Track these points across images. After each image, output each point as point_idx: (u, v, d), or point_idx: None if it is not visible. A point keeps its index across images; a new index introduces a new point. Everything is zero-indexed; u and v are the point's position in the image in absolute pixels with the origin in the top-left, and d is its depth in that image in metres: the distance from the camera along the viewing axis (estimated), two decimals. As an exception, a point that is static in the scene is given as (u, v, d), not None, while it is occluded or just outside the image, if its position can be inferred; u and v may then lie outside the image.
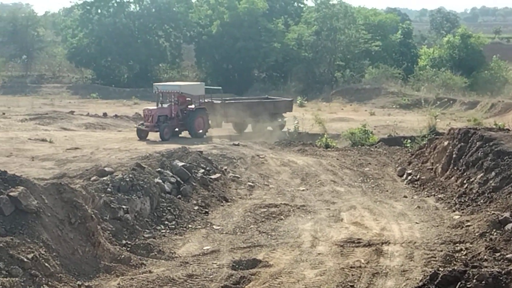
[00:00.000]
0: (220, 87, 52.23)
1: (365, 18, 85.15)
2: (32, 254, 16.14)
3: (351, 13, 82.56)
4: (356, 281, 16.80)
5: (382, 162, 33.45)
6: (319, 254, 19.22)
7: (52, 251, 16.83)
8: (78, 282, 16.55)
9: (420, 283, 14.24)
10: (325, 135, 39.82)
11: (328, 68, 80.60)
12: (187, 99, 42.12)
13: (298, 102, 63.89)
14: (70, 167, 27.72)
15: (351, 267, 17.73)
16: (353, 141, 39.48)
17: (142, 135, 39.86)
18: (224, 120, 45.00)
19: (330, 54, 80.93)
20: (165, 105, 41.61)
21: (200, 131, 41.33)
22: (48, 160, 30.27)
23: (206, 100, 43.16)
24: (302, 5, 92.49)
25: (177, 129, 41.09)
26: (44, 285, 15.77)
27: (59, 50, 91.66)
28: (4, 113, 51.24)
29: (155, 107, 41.51)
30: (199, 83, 49.24)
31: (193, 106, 42.05)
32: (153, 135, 39.88)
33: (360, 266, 17.79)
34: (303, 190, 27.94)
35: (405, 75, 75.37)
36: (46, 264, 16.28)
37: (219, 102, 45.16)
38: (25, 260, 15.90)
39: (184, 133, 41.75)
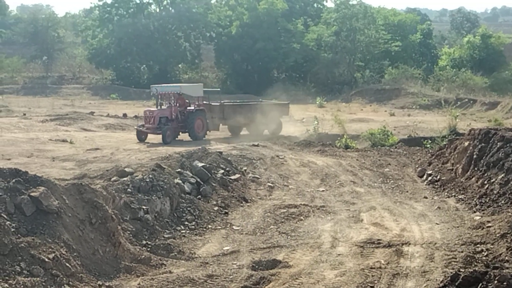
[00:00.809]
0: (219, 89, 51.09)
1: (385, 18, 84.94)
2: (53, 254, 16.23)
3: (370, 13, 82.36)
4: (376, 282, 16.75)
5: (402, 162, 33.33)
6: (339, 255, 19.18)
7: (73, 251, 16.92)
8: (99, 282, 16.63)
9: (441, 284, 14.17)
10: (344, 136, 39.73)
11: (348, 68, 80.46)
12: (186, 100, 41.34)
13: (317, 102, 63.87)
14: (91, 168, 27.82)
15: (371, 268, 17.68)
16: (372, 141, 39.40)
17: (142, 137, 38.99)
18: (222, 122, 44.14)
19: (349, 55, 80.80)
20: (164, 107, 40.93)
21: (200, 133, 40.55)
22: (68, 161, 30.42)
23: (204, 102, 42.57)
24: (321, 6, 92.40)
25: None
26: (65, 285, 15.86)
27: (79, 51, 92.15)
28: (25, 114, 51.55)
29: (156, 109, 40.76)
30: (198, 84, 47.87)
31: (192, 107, 41.17)
32: (152, 137, 39.37)
33: (380, 267, 17.73)
34: (323, 190, 27.89)
35: (425, 75, 75.08)
36: (67, 264, 16.37)
37: (218, 104, 44.23)
38: (46, 260, 15.99)
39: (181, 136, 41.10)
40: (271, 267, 18.08)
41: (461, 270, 15.41)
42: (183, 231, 21.67)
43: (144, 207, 21.25)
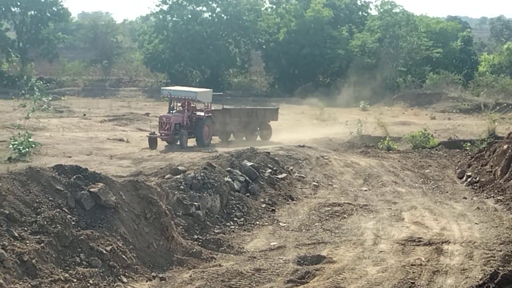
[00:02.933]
0: (222, 93, 46.75)
1: (427, 26, 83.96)
2: (110, 247, 16.41)
3: (413, 21, 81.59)
4: (416, 278, 16.60)
5: (442, 164, 32.97)
6: (381, 251, 19.06)
7: (129, 244, 17.08)
8: (153, 274, 16.77)
9: (480, 282, 13.99)
10: (387, 138, 39.38)
11: (390, 73, 79.76)
12: (192, 105, 38.26)
13: (361, 106, 63.48)
14: (146, 166, 28.02)
15: (412, 265, 17.53)
16: (414, 144, 38.96)
17: (154, 146, 35.58)
18: (222, 128, 40.16)
19: (392, 60, 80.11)
20: (175, 112, 37.80)
21: (206, 140, 37.64)
22: (125, 159, 30.67)
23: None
24: (366, 14, 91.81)
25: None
26: (121, 276, 16.02)
27: (136, 55, 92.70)
28: (85, 115, 52.08)
29: (171, 114, 37.27)
30: (208, 90, 43.42)
31: (202, 113, 38.16)
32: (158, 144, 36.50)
33: (420, 264, 17.58)
34: (366, 190, 27.73)
35: (465, 81, 74.04)
36: (123, 256, 16.53)
37: (220, 109, 40.89)
38: (104, 252, 16.17)
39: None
40: (316, 262, 18.04)
41: (500, 268, 15.18)
42: (232, 227, 21.72)
43: (195, 203, 21.36)
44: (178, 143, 36.28)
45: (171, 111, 37.95)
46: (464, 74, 75.85)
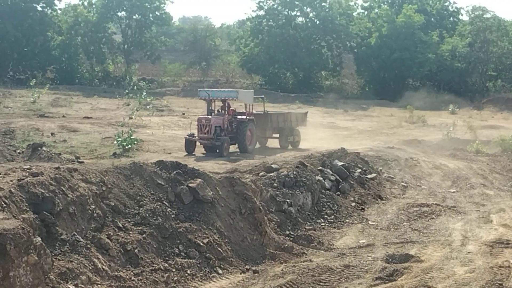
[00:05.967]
0: (263, 95, 41.60)
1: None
2: (207, 239, 16.64)
3: (504, 26, 79.62)
4: (504, 280, 16.17)
5: (531, 168, 32.01)
6: (468, 252, 18.68)
7: (224, 238, 17.27)
8: (247, 266, 16.90)
9: None
10: (476, 141, 38.52)
11: (480, 78, 78.07)
12: (231, 108, 34.38)
13: (450, 109, 62.38)
14: (241, 163, 28.18)
15: (500, 267, 17.08)
16: (503, 147, 37.92)
17: (190, 149, 31.95)
18: (263, 133, 35.80)
19: (482, 65, 78.38)
20: (215, 114, 33.69)
21: (250, 145, 33.19)
22: (226, 156, 30.90)
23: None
24: (456, 19, 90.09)
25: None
26: (217, 267, 16.22)
27: (232, 58, 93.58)
28: (184, 113, 52.85)
29: (211, 116, 33.16)
30: (249, 90, 38.74)
31: (244, 116, 33.90)
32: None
33: (509, 266, 17.11)
34: (454, 192, 27.22)
35: (557, 85, 71.88)
36: (219, 249, 16.73)
37: (261, 113, 36.52)
38: (201, 244, 16.41)
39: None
40: (404, 261, 17.83)
41: None
42: (323, 224, 21.69)
43: (288, 200, 21.42)
44: (218, 150, 31.82)
45: (210, 114, 33.68)
46: (557, 79, 73.59)
